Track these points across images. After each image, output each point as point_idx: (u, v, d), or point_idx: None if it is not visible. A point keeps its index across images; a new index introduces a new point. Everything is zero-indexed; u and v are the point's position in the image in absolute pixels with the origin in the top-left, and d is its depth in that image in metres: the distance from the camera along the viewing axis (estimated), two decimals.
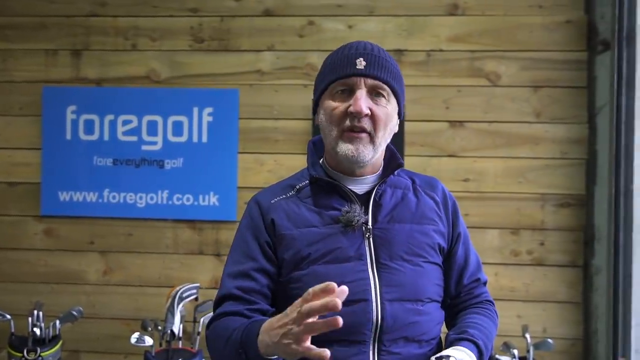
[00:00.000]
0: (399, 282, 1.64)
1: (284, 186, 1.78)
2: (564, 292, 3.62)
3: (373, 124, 1.64)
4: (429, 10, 3.70)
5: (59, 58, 3.89)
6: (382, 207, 1.71)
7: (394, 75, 1.69)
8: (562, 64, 3.62)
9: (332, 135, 1.67)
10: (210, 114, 3.80)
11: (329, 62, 1.72)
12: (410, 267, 1.66)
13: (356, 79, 1.64)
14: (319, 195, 1.72)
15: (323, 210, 1.69)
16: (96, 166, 3.85)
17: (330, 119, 1.67)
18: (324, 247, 1.64)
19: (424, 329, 1.65)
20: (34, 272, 3.90)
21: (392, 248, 1.66)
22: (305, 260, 1.64)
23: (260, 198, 1.77)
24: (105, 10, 3.87)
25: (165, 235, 3.84)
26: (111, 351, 3.83)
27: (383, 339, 1.61)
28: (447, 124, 3.68)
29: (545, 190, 3.63)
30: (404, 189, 1.76)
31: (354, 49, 1.69)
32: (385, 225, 1.69)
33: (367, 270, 1.63)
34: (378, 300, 1.61)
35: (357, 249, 1.65)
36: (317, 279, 1.57)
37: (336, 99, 1.67)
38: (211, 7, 3.81)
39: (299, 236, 1.66)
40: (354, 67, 1.64)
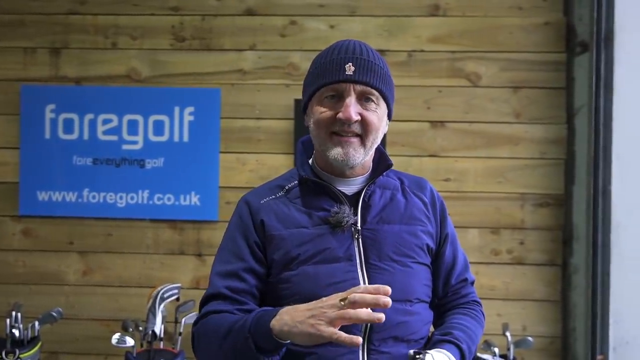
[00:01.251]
0: (388, 282, 1.60)
1: (273, 187, 1.78)
2: (543, 291, 3.67)
3: (363, 128, 1.64)
4: (411, 11, 3.73)
5: (37, 56, 3.87)
6: (371, 207, 1.71)
7: (383, 79, 1.68)
8: (541, 65, 3.68)
9: (322, 138, 1.67)
10: (192, 113, 3.79)
11: (318, 64, 1.70)
12: (399, 267, 1.68)
13: (345, 85, 1.63)
14: (308, 196, 1.72)
15: (312, 211, 1.69)
16: (76, 166, 3.83)
17: (319, 123, 1.66)
18: (313, 248, 1.65)
19: (413, 328, 1.67)
20: (12, 272, 3.87)
21: (381, 249, 1.68)
22: (295, 260, 1.65)
23: (249, 198, 1.76)
24: (85, 8, 3.85)
25: (145, 235, 3.82)
26: (91, 352, 3.81)
27: (372, 339, 1.61)
28: (428, 124, 3.72)
29: (524, 190, 3.68)
30: (392, 189, 1.77)
31: (343, 52, 1.67)
32: (374, 226, 1.69)
33: (357, 271, 1.64)
34: None
35: (346, 249, 1.66)
36: (306, 280, 1.62)
37: (325, 104, 1.66)
38: (192, 5, 3.80)
39: (289, 237, 1.66)
40: (343, 72, 1.63)
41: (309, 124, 1.72)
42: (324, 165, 1.74)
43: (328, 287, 1.59)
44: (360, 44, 1.70)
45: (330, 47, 1.72)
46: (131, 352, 3.28)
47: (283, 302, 1.61)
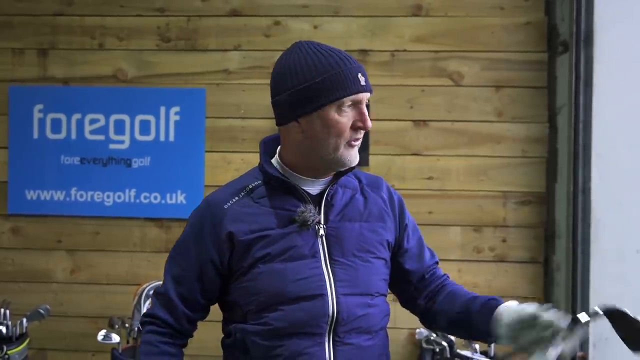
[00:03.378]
0: (351, 277, 1.74)
1: (236, 189, 1.81)
2: (525, 288, 3.71)
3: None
4: (393, 11, 3.77)
5: (25, 57, 3.92)
6: (333, 206, 1.78)
7: None
8: (522, 65, 3.71)
9: (334, 144, 1.71)
10: (178, 113, 3.84)
11: (322, 73, 1.69)
12: (361, 263, 1.76)
13: (362, 95, 1.72)
14: (273, 196, 1.77)
15: (278, 211, 1.75)
16: (63, 165, 3.88)
17: (338, 132, 1.71)
18: (280, 247, 1.71)
19: (374, 320, 1.77)
20: (0, 270, 3.92)
21: (344, 245, 1.75)
22: (262, 259, 1.70)
23: (213, 203, 1.79)
24: (72, 9, 3.90)
25: (132, 233, 3.87)
26: (79, 349, 3.86)
27: (338, 331, 1.70)
28: (411, 123, 3.76)
29: (506, 188, 3.72)
30: (352, 189, 1.84)
31: (347, 62, 1.71)
32: (336, 224, 1.76)
33: (322, 267, 1.72)
34: (333, 294, 1.70)
35: (311, 247, 1.72)
36: (274, 277, 1.69)
37: (343, 115, 1.70)
38: (178, 7, 3.85)
39: (255, 240, 1.72)
40: (358, 83, 1.71)
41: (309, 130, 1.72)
42: (294, 165, 1.78)
43: (294, 283, 1.69)
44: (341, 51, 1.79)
45: (323, 56, 1.72)
46: (117, 349, 3.34)
47: (251, 297, 1.71)
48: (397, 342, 3.69)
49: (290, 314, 1.68)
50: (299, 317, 1.68)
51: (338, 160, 1.74)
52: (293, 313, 1.68)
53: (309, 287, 1.69)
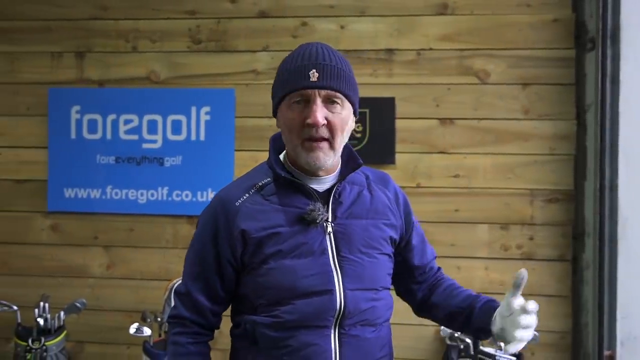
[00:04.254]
0: (358, 273, 1.79)
1: (247, 186, 1.84)
2: (552, 286, 3.69)
3: (330, 131, 1.74)
4: (419, 10, 3.78)
5: (63, 60, 4.05)
6: (341, 204, 1.82)
7: (346, 82, 1.76)
8: (549, 62, 3.68)
9: (293, 143, 1.76)
10: (208, 113, 3.93)
11: (284, 71, 1.78)
12: (367, 259, 1.81)
13: (311, 91, 1.72)
14: (282, 193, 1.80)
15: (287, 209, 1.78)
16: (99, 164, 4.01)
17: (290, 129, 1.76)
18: (290, 244, 1.75)
19: (379, 313, 1.82)
20: (40, 265, 4.07)
21: (351, 242, 1.79)
22: (273, 256, 1.75)
23: (225, 200, 1.82)
24: (107, 13, 4.01)
25: (165, 230, 3.98)
26: (114, 342, 3.97)
27: (343, 324, 1.76)
28: (437, 121, 3.77)
29: (534, 186, 3.70)
30: (359, 185, 1.88)
31: (306, 58, 1.75)
32: (344, 221, 1.80)
33: (330, 263, 1.76)
34: (341, 289, 1.75)
35: (319, 243, 1.76)
36: (284, 273, 1.74)
37: (293, 110, 1.74)
38: (208, 9, 3.93)
39: (267, 238, 1.76)
40: (307, 79, 1.71)
41: (280, 127, 1.82)
42: (296, 164, 1.82)
43: (304, 279, 1.74)
44: (323, 49, 1.78)
45: (294, 53, 1.80)
46: (148, 341, 3.46)
47: (262, 292, 1.76)
48: (424, 340, 3.73)
49: (299, 308, 1.73)
50: (308, 311, 1.73)
51: (302, 162, 1.77)
52: (302, 307, 1.73)
53: (318, 283, 1.74)
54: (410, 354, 3.69)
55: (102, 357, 4.02)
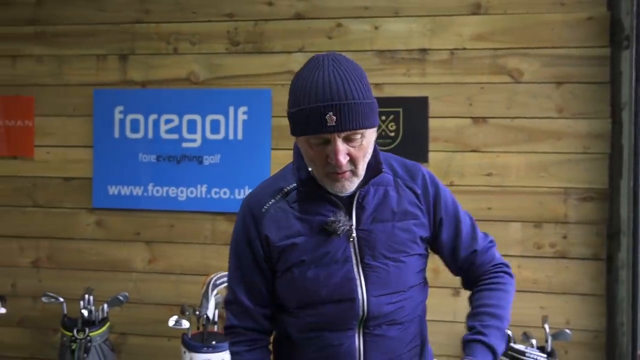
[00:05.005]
0: (383, 279, 1.78)
1: (274, 190, 1.85)
2: (586, 285, 3.68)
3: (353, 163, 1.70)
4: (453, 10, 3.81)
5: (108, 62, 4.20)
6: (365, 209, 1.79)
7: (364, 114, 1.68)
8: (584, 60, 3.67)
9: (317, 173, 1.74)
10: (245, 112, 4.03)
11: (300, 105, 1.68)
12: (393, 263, 1.79)
13: (330, 135, 1.65)
14: (306, 201, 1.80)
15: (310, 217, 1.78)
16: (141, 162, 4.14)
17: (312, 162, 1.73)
18: (313, 254, 1.77)
19: (406, 312, 1.81)
20: (86, 260, 4.22)
21: (375, 248, 1.78)
22: (297, 265, 1.78)
23: (252, 205, 1.85)
24: (149, 17, 4.15)
25: (204, 226, 4.09)
26: (155, 334, 4.10)
27: (368, 325, 1.77)
28: (470, 120, 3.79)
29: (567, 184, 3.69)
30: (385, 185, 1.83)
31: (320, 97, 1.64)
32: (368, 226, 1.79)
33: (354, 271, 1.77)
34: (364, 297, 1.76)
35: (343, 251, 1.77)
36: (307, 282, 1.77)
37: (313, 148, 1.69)
38: (246, 12, 4.04)
39: (290, 247, 1.78)
40: (325, 124, 1.63)
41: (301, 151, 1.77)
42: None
43: (327, 288, 1.76)
44: (336, 77, 1.66)
45: (307, 81, 1.68)
46: (187, 334, 3.55)
47: (287, 297, 1.81)
48: (458, 336, 3.68)
49: (323, 313, 1.77)
50: (331, 317, 1.76)
51: (326, 187, 1.75)
52: (326, 312, 1.76)
53: (341, 292, 1.75)
54: (444, 350, 3.70)
55: (143, 348, 4.15)
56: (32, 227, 4.29)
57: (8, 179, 4.32)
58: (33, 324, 4.30)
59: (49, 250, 4.28)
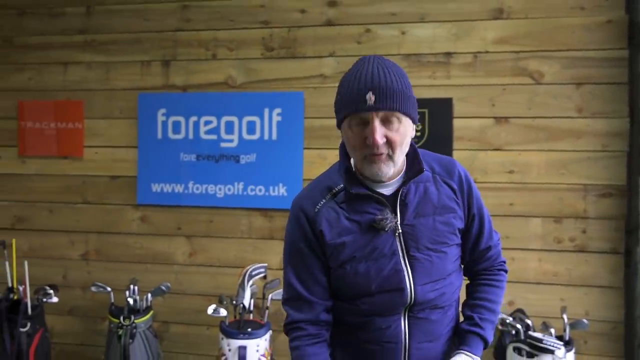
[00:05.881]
0: (427, 270, 1.95)
1: (322, 189, 1.99)
2: (605, 277, 3.79)
3: (390, 147, 1.84)
4: (476, 15, 3.96)
5: (151, 68, 4.42)
6: (407, 205, 1.94)
7: (402, 100, 1.83)
8: (603, 62, 3.79)
9: (356, 157, 1.89)
10: (279, 114, 4.22)
11: (344, 92, 1.87)
12: (435, 254, 1.95)
13: (368, 114, 1.81)
14: (353, 201, 1.94)
15: (359, 217, 1.93)
16: (182, 161, 4.35)
17: (353, 146, 1.88)
18: (363, 249, 1.92)
19: (446, 297, 2.00)
20: (131, 253, 4.45)
21: (419, 241, 1.93)
22: (349, 261, 1.93)
23: (304, 206, 1.98)
24: (190, 25, 4.37)
25: (240, 222, 4.28)
26: (195, 323, 4.32)
27: (413, 310, 1.95)
28: (493, 120, 3.93)
29: (587, 181, 3.81)
30: (425, 182, 1.97)
31: (362, 82, 1.82)
32: (411, 221, 1.93)
33: (401, 263, 1.92)
34: (411, 285, 1.92)
35: (390, 246, 1.92)
36: (359, 276, 1.93)
37: (354, 131, 1.85)
38: (280, 19, 4.24)
39: (342, 244, 1.93)
40: (364, 103, 1.79)
41: (344, 141, 1.94)
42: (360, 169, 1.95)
43: (378, 280, 1.92)
44: (379, 68, 1.84)
45: (353, 73, 1.87)
46: (224, 322, 3.74)
47: (341, 289, 1.97)
48: None
49: (375, 302, 1.93)
50: (382, 305, 1.93)
51: (365, 173, 1.90)
52: (377, 301, 1.93)
53: (390, 283, 1.91)
54: None
55: (185, 336, 4.36)
56: (82, 222, 4.53)
57: (60, 178, 4.57)
58: (83, 312, 4.52)
59: (97, 244, 4.51)
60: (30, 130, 4.60)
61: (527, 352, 3.39)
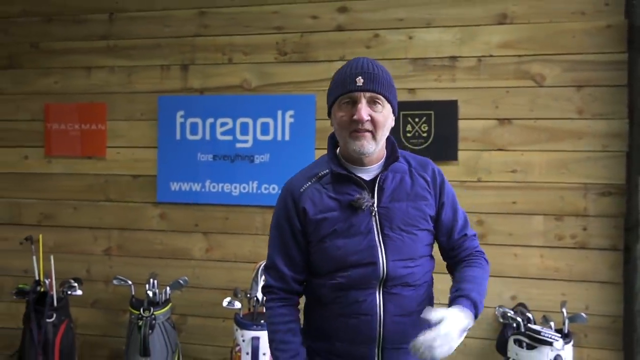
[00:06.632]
0: (398, 247, 2.17)
1: (310, 175, 2.26)
2: (605, 273, 3.90)
3: (374, 126, 2.12)
4: (480, 21, 4.09)
5: (170, 72, 4.59)
6: (384, 190, 2.18)
7: (386, 86, 2.13)
8: (603, 65, 3.90)
9: (343, 135, 2.15)
10: (292, 116, 4.38)
11: (336, 78, 2.18)
12: (407, 235, 2.17)
13: (357, 93, 2.11)
14: (336, 183, 2.19)
15: (340, 196, 2.17)
16: (199, 161, 4.53)
17: (340, 125, 2.14)
18: (342, 226, 2.15)
19: (417, 277, 2.20)
20: (151, 248, 4.63)
21: (393, 222, 2.16)
22: (329, 235, 2.16)
23: (292, 187, 2.26)
24: (207, 30, 4.54)
25: (255, 219, 4.45)
26: (212, 315, 4.48)
27: (386, 285, 2.16)
28: (496, 121, 4.06)
29: (587, 180, 3.93)
30: (402, 173, 2.22)
31: (353, 68, 2.14)
32: (387, 204, 2.17)
33: (375, 240, 2.15)
34: (384, 261, 2.14)
35: (366, 224, 2.15)
36: (338, 250, 2.17)
37: (343, 109, 2.13)
38: (293, 25, 4.40)
39: (323, 219, 2.17)
40: (354, 84, 2.10)
41: (333, 125, 2.21)
42: (348, 157, 2.21)
43: (354, 254, 2.14)
44: (368, 62, 2.16)
45: (345, 65, 2.20)
46: (239, 313, 3.91)
47: (320, 263, 2.21)
48: (485, 320, 4.01)
49: (351, 275, 2.14)
50: (358, 277, 2.15)
51: (350, 150, 2.15)
52: (353, 275, 2.14)
53: (365, 257, 2.13)
54: (473, 333, 3.97)
55: (202, 328, 4.54)
56: (104, 219, 4.72)
57: (83, 177, 4.76)
58: (105, 305, 4.71)
59: (119, 240, 4.69)
60: (56, 132, 4.81)
61: (527, 344, 3.53)
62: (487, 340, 4.02)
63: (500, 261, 4.01)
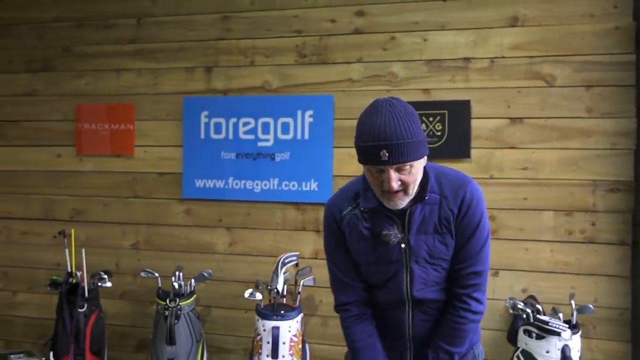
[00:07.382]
0: (423, 279, 2.34)
1: (349, 196, 2.36)
2: (613, 267, 4.01)
3: (404, 186, 2.16)
4: (493, 23, 4.21)
5: (195, 74, 4.77)
6: (413, 223, 2.27)
7: (412, 150, 2.09)
8: (612, 66, 4.00)
9: (376, 191, 2.22)
10: (311, 115, 4.53)
11: (360, 143, 2.14)
12: (432, 267, 2.33)
13: (384, 167, 2.11)
14: (371, 213, 2.30)
15: (373, 228, 2.31)
16: (223, 159, 4.69)
17: (372, 184, 2.21)
18: (374, 254, 2.34)
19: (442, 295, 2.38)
20: (177, 243, 4.81)
21: (419, 255, 2.30)
22: (362, 263, 2.38)
23: (333, 211, 2.39)
24: (230, 34, 4.71)
25: (276, 215, 4.61)
26: (234, 307, 4.66)
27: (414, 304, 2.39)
28: (508, 120, 4.18)
29: (596, 177, 4.03)
30: (432, 204, 2.27)
31: (376, 137, 2.06)
32: (414, 237, 2.28)
33: (402, 270, 2.33)
34: (409, 290, 2.35)
35: (396, 255, 2.31)
36: (370, 275, 2.39)
37: (372, 174, 2.17)
38: (312, 28, 4.56)
39: (358, 248, 2.36)
40: (379, 159, 2.08)
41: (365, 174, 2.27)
42: None
43: (382, 281, 2.37)
44: (391, 120, 2.07)
45: (367, 122, 2.12)
46: (260, 305, 4.07)
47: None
48: (497, 312, 4.15)
49: (383, 295, 2.40)
50: (387, 298, 2.39)
51: (384, 203, 2.23)
52: (384, 295, 2.39)
53: (392, 285, 2.35)
54: (485, 324, 4.10)
55: (225, 319, 4.71)
56: (132, 215, 4.91)
57: (113, 174, 4.96)
58: (133, 296, 4.91)
59: (146, 235, 4.88)
60: (86, 131, 5.01)
61: (536, 334, 3.65)
62: (499, 332, 4.15)
63: (512, 255, 4.15)
